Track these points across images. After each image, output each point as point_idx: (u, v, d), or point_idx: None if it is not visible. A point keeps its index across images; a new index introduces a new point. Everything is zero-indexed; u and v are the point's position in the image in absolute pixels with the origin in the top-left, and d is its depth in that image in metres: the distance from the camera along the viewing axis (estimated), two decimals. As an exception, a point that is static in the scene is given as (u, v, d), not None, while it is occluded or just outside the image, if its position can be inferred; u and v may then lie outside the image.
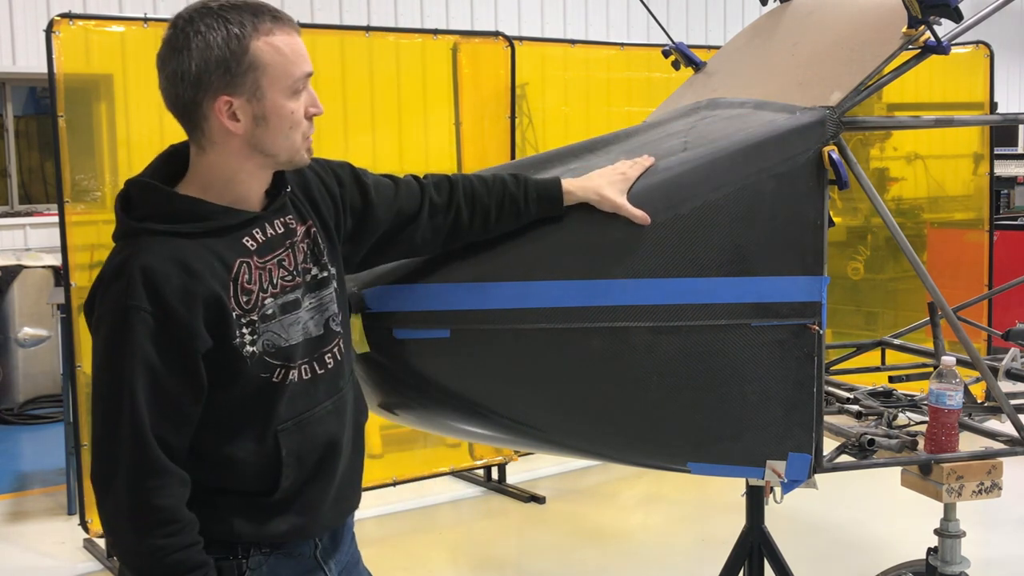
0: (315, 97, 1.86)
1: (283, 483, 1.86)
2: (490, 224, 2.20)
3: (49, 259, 7.37)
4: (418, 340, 2.20)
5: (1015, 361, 3.26)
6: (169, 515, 1.74)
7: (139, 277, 1.70)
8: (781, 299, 2.38)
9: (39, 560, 4.79)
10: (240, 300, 1.78)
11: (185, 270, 1.72)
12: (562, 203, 2.25)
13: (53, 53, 4.34)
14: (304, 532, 1.93)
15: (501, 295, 2.22)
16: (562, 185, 2.25)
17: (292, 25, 1.82)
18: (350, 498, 2.06)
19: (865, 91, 2.51)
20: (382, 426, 5.32)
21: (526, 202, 2.21)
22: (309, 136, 1.87)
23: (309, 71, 1.84)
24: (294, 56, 1.80)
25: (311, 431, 1.89)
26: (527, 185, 2.22)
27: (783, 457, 2.43)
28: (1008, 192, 9.59)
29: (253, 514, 1.86)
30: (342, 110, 5.17)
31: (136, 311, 1.69)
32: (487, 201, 2.18)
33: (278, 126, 1.81)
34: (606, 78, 6.16)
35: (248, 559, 1.87)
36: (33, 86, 8.39)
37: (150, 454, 1.72)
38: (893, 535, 4.75)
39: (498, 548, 4.96)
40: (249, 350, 1.78)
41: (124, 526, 1.74)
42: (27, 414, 7.35)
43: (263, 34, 1.77)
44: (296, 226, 1.90)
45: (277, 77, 1.79)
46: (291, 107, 1.81)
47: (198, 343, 1.73)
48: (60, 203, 4.45)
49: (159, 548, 1.72)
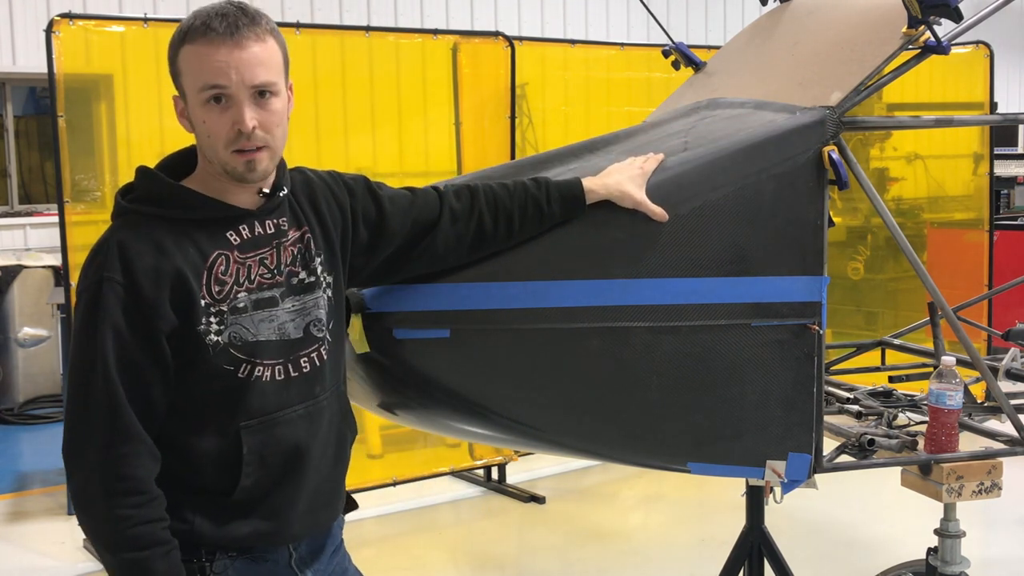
0: (242, 113, 1.79)
1: (243, 481, 1.86)
2: (514, 229, 2.19)
3: (49, 259, 7.37)
4: (418, 340, 2.20)
5: (1015, 361, 3.26)
6: (138, 484, 1.76)
7: (115, 250, 1.77)
8: (781, 299, 2.39)
9: (39, 560, 4.79)
10: (212, 289, 1.81)
11: (158, 249, 1.78)
12: (584, 202, 2.25)
13: (53, 53, 4.34)
14: (270, 538, 1.92)
15: (501, 295, 2.22)
16: (583, 184, 2.25)
17: (231, 38, 1.78)
18: (328, 510, 2.04)
19: (865, 91, 2.51)
20: (382, 426, 5.33)
21: (549, 203, 2.21)
22: (244, 149, 1.82)
23: (214, 83, 1.79)
24: (205, 67, 1.79)
25: (277, 432, 1.89)
26: (549, 187, 2.22)
27: (783, 457, 2.44)
28: (1008, 192, 9.59)
29: (214, 513, 1.86)
30: (342, 110, 5.17)
31: (109, 282, 1.75)
32: (509, 206, 2.18)
33: (199, 132, 1.85)
34: (606, 78, 6.16)
35: (213, 563, 1.87)
36: (33, 86, 8.39)
37: (124, 420, 1.75)
38: (893, 535, 4.75)
39: (498, 548, 4.96)
40: (213, 339, 1.81)
41: (93, 492, 1.76)
42: (27, 414, 7.34)
43: (188, 42, 1.81)
44: (288, 229, 1.92)
45: (191, 85, 1.82)
46: (202, 116, 1.82)
47: (161, 322, 1.77)
48: (60, 203, 4.45)
49: (126, 517, 1.74)
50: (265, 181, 1.89)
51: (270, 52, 1.83)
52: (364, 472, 5.18)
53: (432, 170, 5.32)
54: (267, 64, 1.82)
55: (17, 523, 5.31)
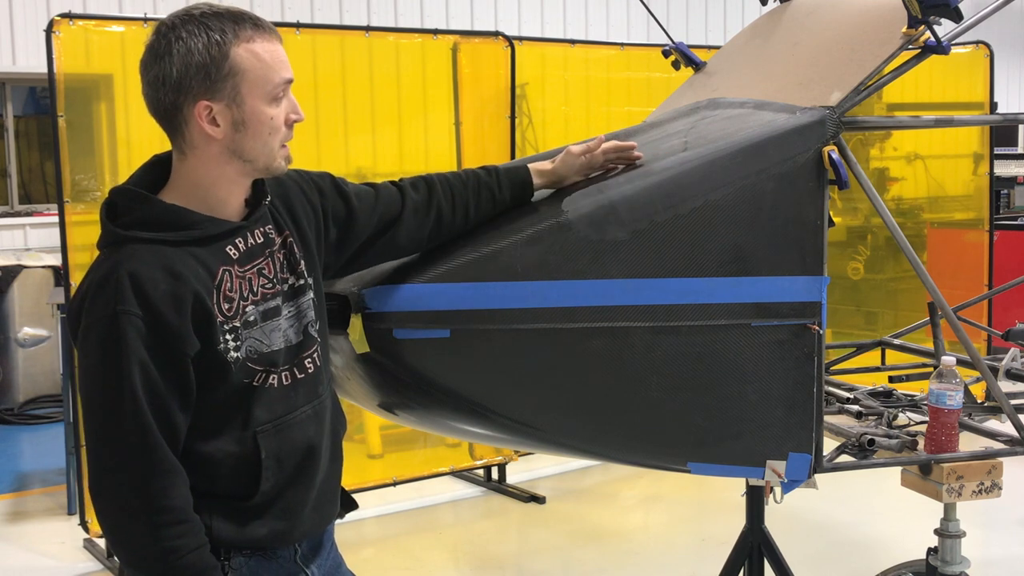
0: (295, 104, 1.88)
1: (263, 486, 1.87)
2: (470, 215, 2.27)
3: (49, 259, 7.38)
4: (418, 340, 2.20)
5: (1015, 361, 3.26)
6: (180, 515, 1.76)
7: (127, 283, 1.71)
8: (781, 299, 2.39)
9: (39, 560, 4.79)
10: (223, 307, 1.80)
11: (172, 275, 1.75)
12: (532, 186, 2.35)
13: (53, 53, 4.34)
14: (284, 537, 1.94)
15: (501, 295, 2.22)
16: (530, 169, 2.35)
17: (273, 33, 1.85)
18: (330, 506, 2.07)
19: (865, 91, 2.51)
20: (382, 426, 5.33)
21: (500, 190, 2.30)
22: (287, 143, 1.89)
23: (289, 78, 1.85)
24: (273, 62, 1.82)
25: (290, 434, 1.91)
26: (499, 174, 2.32)
27: (783, 457, 2.43)
28: (1008, 192, 9.59)
29: (234, 517, 1.87)
30: (342, 110, 5.17)
31: (126, 316, 1.70)
32: (465, 194, 2.26)
33: (257, 131, 1.83)
34: (606, 78, 6.16)
35: (230, 561, 1.88)
36: (33, 86, 8.40)
37: (158, 453, 1.73)
38: (893, 535, 4.75)
39: (498, 548, 4.96)
40: (233, 356, 1.81)
41: (135, 529, 1.74)
42: (27, 414, 7.35)
43: (243, 41, 1.79)
44: (274, 236, 1.94)
45: (256, 83, 1.81)
46: (271, 113, 1.83)
47: (187, 347, 1.75)
48: (60, 203, 4.45)
49: (174, 549, 1.74)
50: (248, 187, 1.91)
51: None
52: (364, 472, 5.18)
53: (432, 170, 5.30)
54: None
55: (17, 523, 5.31)
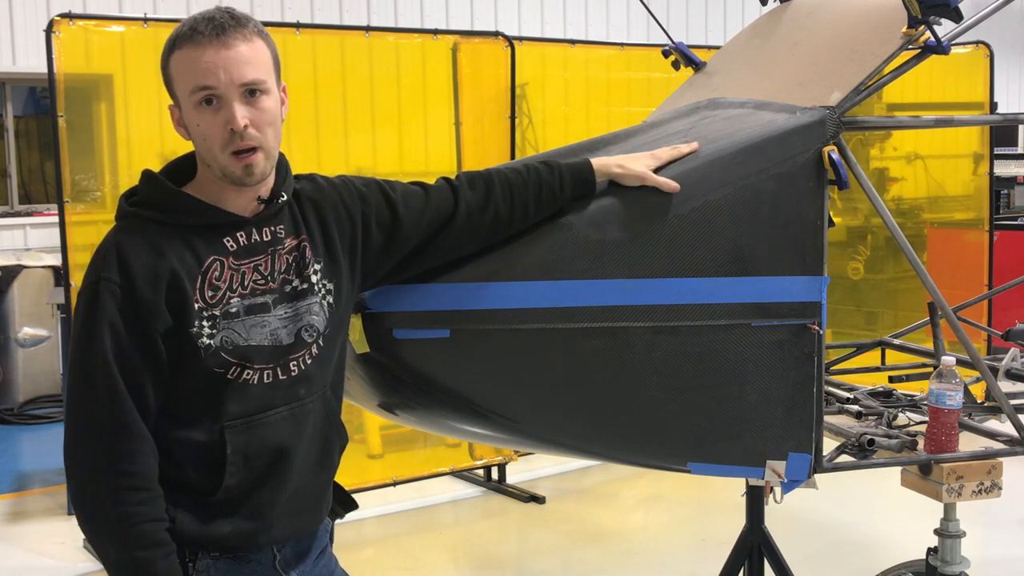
0: (234, 111, 1.81)
1: (227, 481, 1.87)
2: (528, 216, 2.23)
3: (49, 259, 7.38)
4: (418, 340, 2.19)
5: (1015, 361, 3.26)
6: (142, 482, 1.77)
7: (113, 252, 1.81)
8: (781, 299, 2.39)
9: (39, 560, 4.79)
10: (205, 294, 1.83)
11: (155, 251, 1.81)
12: (594, 184, 2.30)
13: (53, 53, 4.34)
14: (250, 539, 1.92)
15: (501, 295, 2.22)
16: (592, 164, 2.30)
17: (211, 39, 1.80)
18: (310, 514, 2.03)
19: (865, 91, 2.51)
20: (382, 426, 5.33)
21: (562, 189, 2.25)
22: (240, 150, 1.83)
23: (203, 84, 1.81)
24: (191, 70, 1.82)
25: (261, 433, 1.89)
26: (562, 172, 2.26)
27: (783, 457, 2.44)
28: (1008, 192, 9.59)
29: (197, 511, 1.87)
30: (342, 110, 5.17)
31: (106, 282, 1.78)
32: (524, 194, 2.21)
33: (195, 137, 1.87)
34: (606, 78, 6.16)
35: (196, 563, 1.87)
36: (33, 86, 8.39)
37: (126, 416, 1.77)
38: (893, 535, 4.75)
39: (498, 548, 4.96)
40: (205, 342, 1.83)
41: (97, 488, 1.76)
42: (27, 414, 7.35)
43: (177, 48, 1.84)
44: (285, 237, 1.93)
45: (183, 89, 1.84)
46: (195, 120, 1.84)
47: (156, 321, 1.79)
48: (60, 203, 4.45)
49: (130, 515, 1.75)
50: (264, 186, 1.91)
51: (257, 51, 1.84)
52: (364, 472, 5.18)
53: (432, 170, 5.31)
54: (254, 62, 1.83)
55: (17, 523, 5.31)
